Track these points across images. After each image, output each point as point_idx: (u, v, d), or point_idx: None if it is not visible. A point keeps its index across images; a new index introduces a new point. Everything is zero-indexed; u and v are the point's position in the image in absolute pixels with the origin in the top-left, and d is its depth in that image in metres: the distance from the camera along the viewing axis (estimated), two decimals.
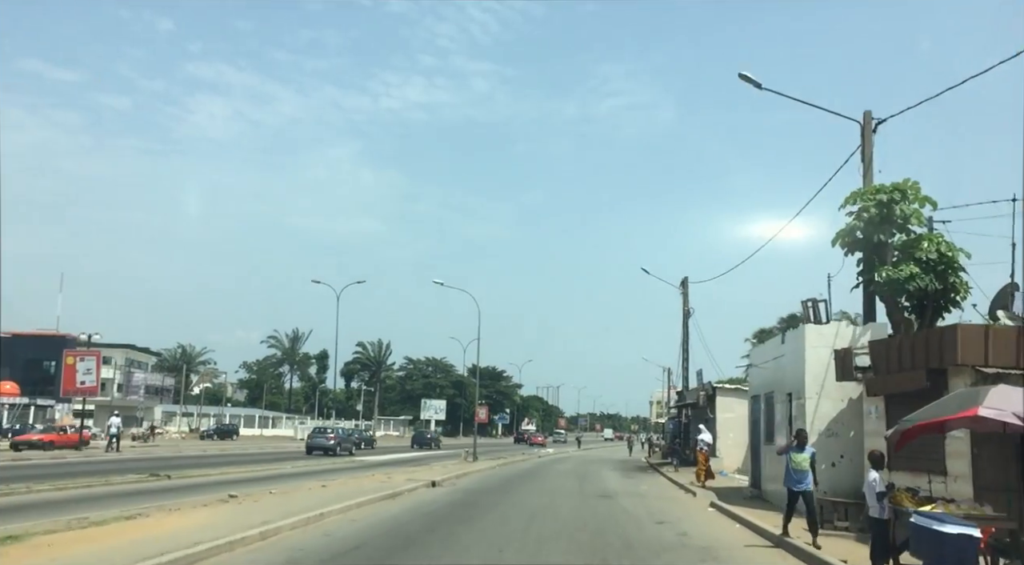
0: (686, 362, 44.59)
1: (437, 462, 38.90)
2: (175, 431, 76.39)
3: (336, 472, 29.18)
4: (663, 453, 46.14)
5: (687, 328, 44.56)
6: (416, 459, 42.56)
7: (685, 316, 44.58)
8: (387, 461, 40.44)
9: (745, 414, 30.96)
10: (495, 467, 35.67)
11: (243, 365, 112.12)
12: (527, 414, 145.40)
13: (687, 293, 44.72)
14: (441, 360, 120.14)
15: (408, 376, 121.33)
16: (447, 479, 25.96)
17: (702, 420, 35.75)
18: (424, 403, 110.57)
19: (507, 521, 15.15)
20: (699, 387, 34.45)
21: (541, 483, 26.01)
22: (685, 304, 44.68)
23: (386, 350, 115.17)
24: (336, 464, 34.80)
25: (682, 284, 44.84)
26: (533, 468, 36.81)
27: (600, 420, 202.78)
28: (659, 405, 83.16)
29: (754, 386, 21.93)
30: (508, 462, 40.78)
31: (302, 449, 52.72)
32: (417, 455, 48.03)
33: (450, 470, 30.28)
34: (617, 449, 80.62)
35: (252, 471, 28.41)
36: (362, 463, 37.49)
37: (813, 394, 16.46)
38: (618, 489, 23.63)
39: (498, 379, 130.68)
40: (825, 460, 16.22)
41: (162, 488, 20.64)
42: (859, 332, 16.64)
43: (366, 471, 30.00)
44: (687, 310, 44.60)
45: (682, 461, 34.78)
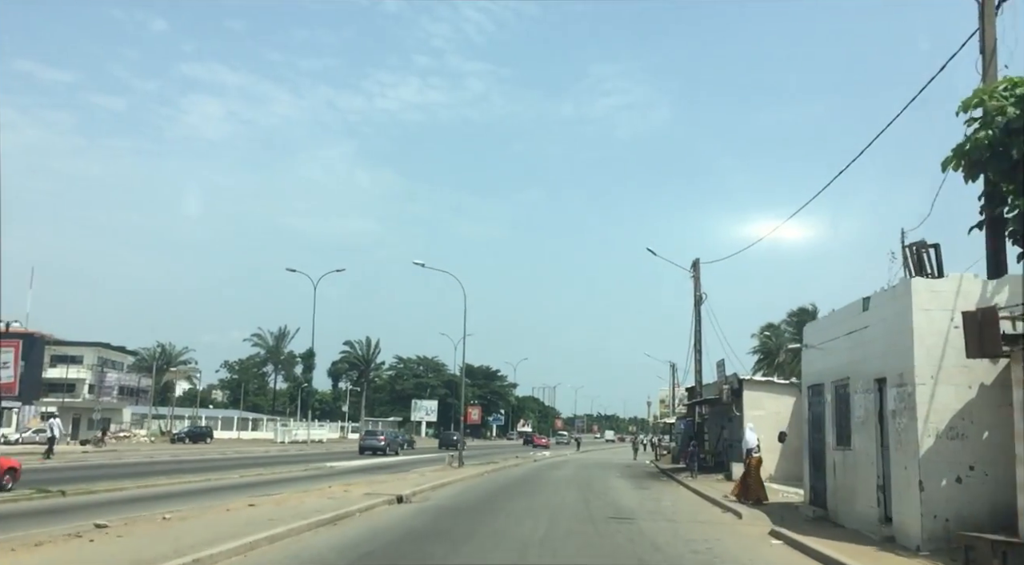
0: (699, 354, 39.43)
1: (421, 468, 33.84)
2: (144, 434, 70.99)
3: (289, 483, 23.98)
4: (673, 456, 41.01)
5: (699, 315, 39.46)
6: (398, 465, 37.39)
7: (697, 302, 39.44)
8: (364, 467, 35.29)
9: (779, 411, 25.87)
10: (482, 474, 30.53)
11: (224, 364, 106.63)
12: (522, 415, 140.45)
13: (698, 276, 39.57)
14: (433, 359, 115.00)
15: (398, 376, 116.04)
16: (419, 492, 20.80)
17: (725, 419, 30.61)
18: (415, 404, 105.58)
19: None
20: (721, 380, 29.32)
21: (536, 497, 20.83)
22: (696, 289, 39.53)
23: (375, 349, 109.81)
24: (294, 472, 29.61)
25: (693, 266, 39.70)
26: (527, 475, 31.65)
27: (597, 421, 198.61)
28: (663, 404, 77.92)
29: (810, 373, 16.77)
30: (498, 468, 35.64)
31: (275, 453, 48.01)
32: (406, 460, 42.78)
33: (427, 479, 25.13)
34: (618, 451, 75.45)
35: (186, 482, 23.26)
36: (331, 471, 32.32)
37: (927, 377, 11.31)
38: (635, 506, 18.43)
39: (492, 378, 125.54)
40: (946, 473, 11.13)
41: (30, 511, 15.46)
42: (993, 287, 11.51)
43: (328, 481, 24.83)
44: (699, 295, 39.47)
45: (701, 467, 29.69)
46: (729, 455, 28.82)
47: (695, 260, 39.69)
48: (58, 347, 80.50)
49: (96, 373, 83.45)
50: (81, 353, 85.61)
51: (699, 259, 39.58)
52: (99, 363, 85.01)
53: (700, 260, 39.57)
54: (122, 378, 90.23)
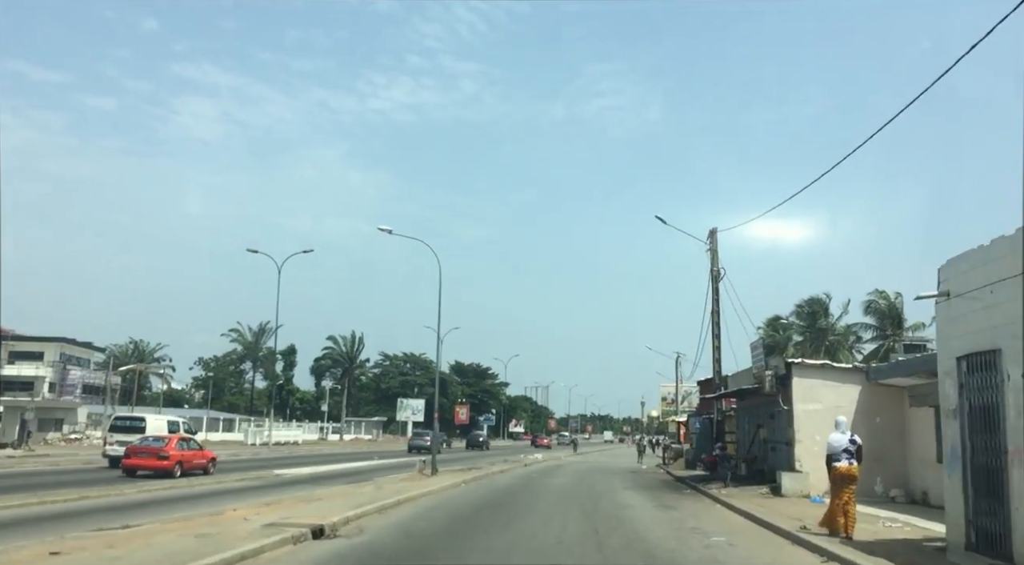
0: (717, 339, 33.01)
1: (387, 476, 27.41)
2: (98, 436, 64.09)
3: (188, 502, 17.49)
4: (687, 460, 34.55)
5: (717, 294, 33.05)
6: (361, 472, 30.94)
7: (714, 278, 33.04)
8: (316, 476, 28.75)
9: (839, 404, 19.42)
10: (458, 486, 24.08)
11: (199, 361, 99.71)
12: (514, 415, 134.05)
13: (715, 248, 33.17)
14: (420, 356, 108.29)
15: (384, 373, 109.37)
16: (357, 517, 14.34)
17: (764, 415, 24.14)
18: (401, 403, 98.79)
19: None
20: (759, 366, 22.80)
21: (521, 524, 14.33)
22: (714, 263, 33.08)
23: (359, 344, 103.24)
24: (224, 483, 23.08)
25: (710, 235, 33.26)
26: (513, 486, 25.17)
27: (591, 421, 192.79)
28: (665, 402, 71.35)
29: (961, 337, 10.31)
30: (481, 475, 29.16)
31: (228, 458, 41.55)
32: (375, 466, 36.30)
33: (381, 495, 18.66)
34: (619, 454, 68.97)
35: (61, 500, 16.79)
36: (275, 480, 25.87)
37: None
38: (673, 545, 11.84)
39: (483, 377, 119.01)
40: None
41: None
42: None
43: (246, 499, 18.37)
44: (716, 270, 33.07)
45: (734, 477, 23.27)
46: (773, 461, 22.39)
47: (712, 230, 33.29)
48: (17, 342, 73.82)
49: (58, 370, 76.85)
50: (42, 349, 78.82)
51: (716, 228, 33.22)
52: (61, 359, 78.38)
53: (717, 229, 33.23)
54: (87, 376, 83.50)
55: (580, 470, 36.38)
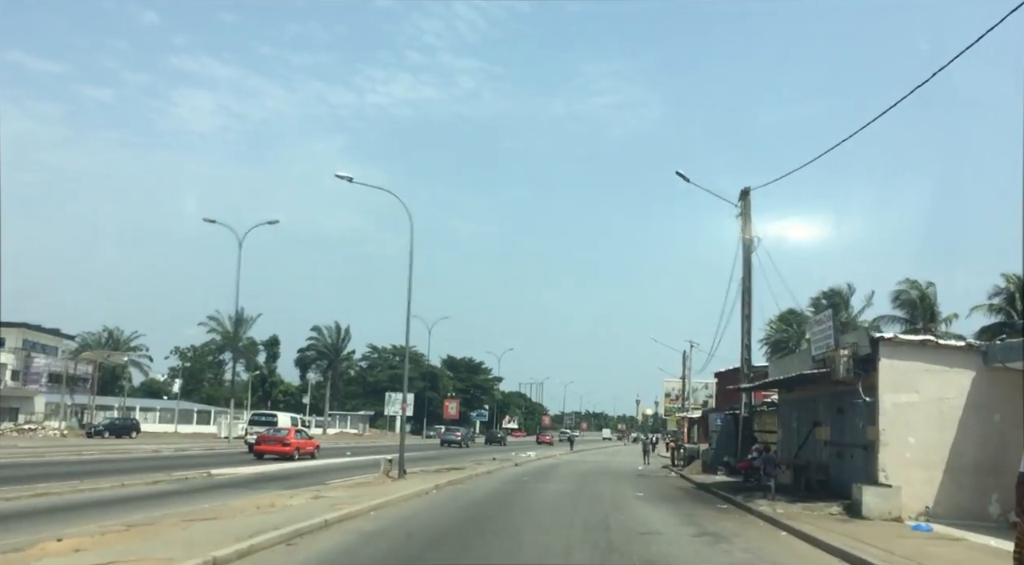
0: (747, 321, 27.56)
1: (343, 478, 22.14)
2: (55, 427, 58.67)
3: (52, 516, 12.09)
4: (705, 463, 29.09)
5: (749, 267, 27.70)
6: (312, 473, 25.56)
7: (746, 249, 27.66)
8: (254, 477, 23.39)
9: (945, 395, 14.02)
10: (426, 494, 18.70)
11: (175, 351, 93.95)
12: (508, 411, 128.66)
13: (748, 211, 27.79)
14: (410, 348, 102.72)
15: (372, 366, 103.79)
16: (245, 554, 8.93)
17: (831, 410, 18.64)
18: (388, 396, 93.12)
19: None
20: (831, 344, 17.08)
21: (503, 554, 8.93)
22: (745, 229, 27.70)
23: (344, 336, 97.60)
24: (135, 486, 17.59)
25: (742, 196, 27.89)
26: (497, 495, 19.76)
27: (586, 419, 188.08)
28: (670, 399, 65.81)
29: None
30: (459, 478, 23.73)
31: (195, 451, 36.59)
32: (332, 464, 30.93)
33: (312, 510, 13.26)
34: (619, 452, 63.55)
35: None
36: (206, 482, 20.51)
37: None
38: None
39: (476, 371, 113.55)
40: None
41: None
42: None
43: (141, 510, 13.02)
44: (749, 239, 27.69)
45: (778, 487, 17.83)
46: (840, 470, 16.94)
47: (744, 190, 27.90)
48: None
49: (20, 357, 71.44)
50: (3, 335, 73.19)
51: (749, 188, 27.82)
52: (24, 346, 72.93)
53: (751, 189, 27.84)
54: (54, 364, 78.00)
55: (579, 471, 30.97)
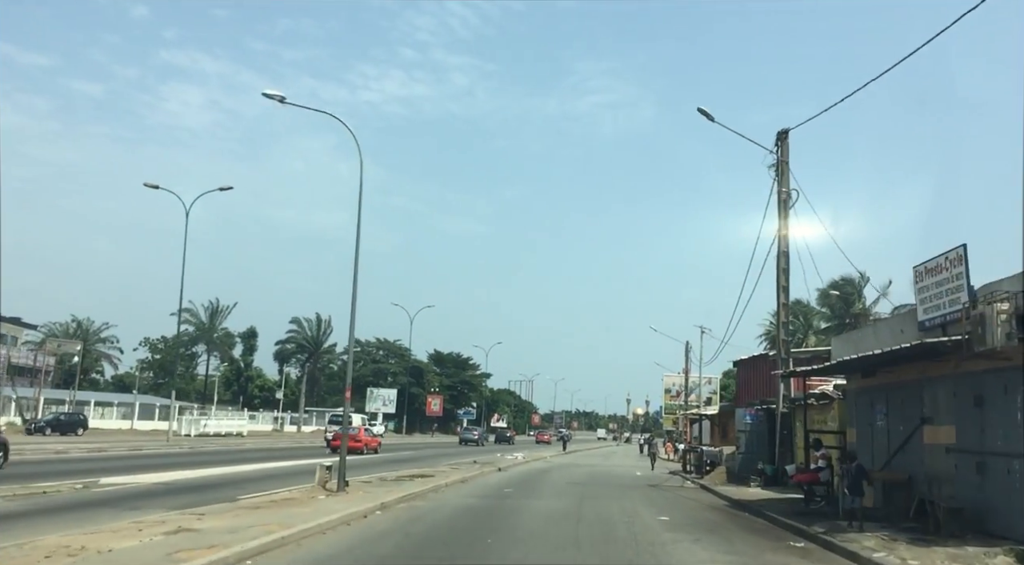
0: (785, 293, 21.93)
1: (280, 486, 16.52)
2: (5, 422, 52.38)
3: None
4: (731, 472, 23.34)
5: (786, 225, 22.07)
6: (234, 482, 19.79)
7: (782, 202, 21.99)
8: (158, 488, 17.63)
9: None
10: (367, 517, 12.98)
11: (144, 342, 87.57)
12: (496, 409, 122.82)
13: (786, 158, 22.11)
14: (394, 342, 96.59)
15: (353, 360, 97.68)
16: None
17: (952, 400, 12.77)
18: (370, 392, 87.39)
19: None
20: (971, 300, 11.13)
21: None
22: (782, 180, 22.04)
23: (326, 328, 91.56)
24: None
25: (778, 140, 22.21)
26: (463, 521, 13.95)
27: (576, 418, 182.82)
28: (670, 395, 60.07)
29: None
30: (421, 491, 17.93)
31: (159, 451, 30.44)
32: (261, 471, 25.27)
33: (149, 558, 7.50)
34: (615, 453, 57.79)
35: None
36: (88, 496, 14.75)
37: None
38: None
39: (463, 367, 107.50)
40: None
41: None
42: None
43: None
44: (785, 192, 22.01)
45: (845, 510, 12.09)
46: (997, 495, 11.11)
47: (781, 132, 22.18)
48: None
49: None
50: None
51: (787, 130, 22.09)
52: None
53: (789, 130, 22.12)
54: (15, 355, 72.13)
55: (575, 479, 25.19)
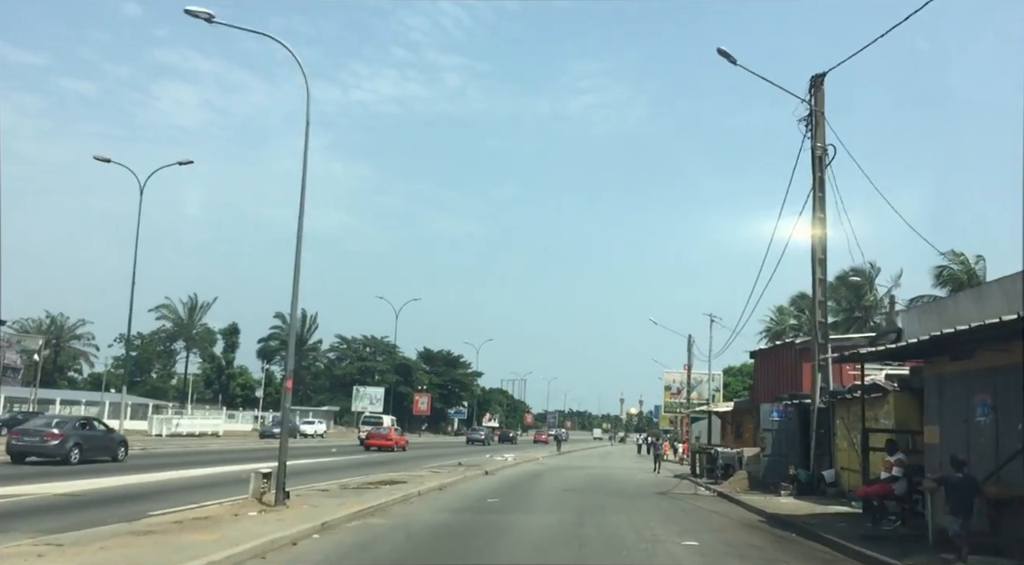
0: (822, 267, 18.50)
1: (216, 497, 12.91)
2: None
3: None
4: (753, 479, 19.81)
5: (821, 187, 18.66)
6: (166, 490, 16.18)
7: (816, 159, 18.52)
8: (61, 500, 14.00)
9: None
10: (297, 544, 9.35)
11: (119, 338, 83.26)
12: (488, 408, 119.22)
13: (821, 107, 18.63)
14: (382, 339, 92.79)
15: (340, 358, 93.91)
16: None
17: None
18: (356, 391, 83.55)
19: None
20: None
21: None
22: (817, 134, 18.57)
23: (311, 324, 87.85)
24: None
25: (812, 86, 18.72)
26: (427, 552, 10.35)
27: (570, 417, 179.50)
28: (670, 392, 56.52)
29: None
30: (383, 504, 14.31)
31: None
32: (184, 479, 21.55)
33: None
34: (611, 454, 54.27)
35: None
36: None
37: None
38: None
39: (454, 365, 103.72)
40: None
41: None
42: None
43: None
44: (820, 148, 18.55)
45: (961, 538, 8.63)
46: None
47: (817, 76, 18.69)
48: None
49: None
50: None
51: (823, 74, 18.60)
52: None
53: (825, 75, 18.64)
54: None
55: (572, 485, 21.62)
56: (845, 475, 17.10)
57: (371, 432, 42.21)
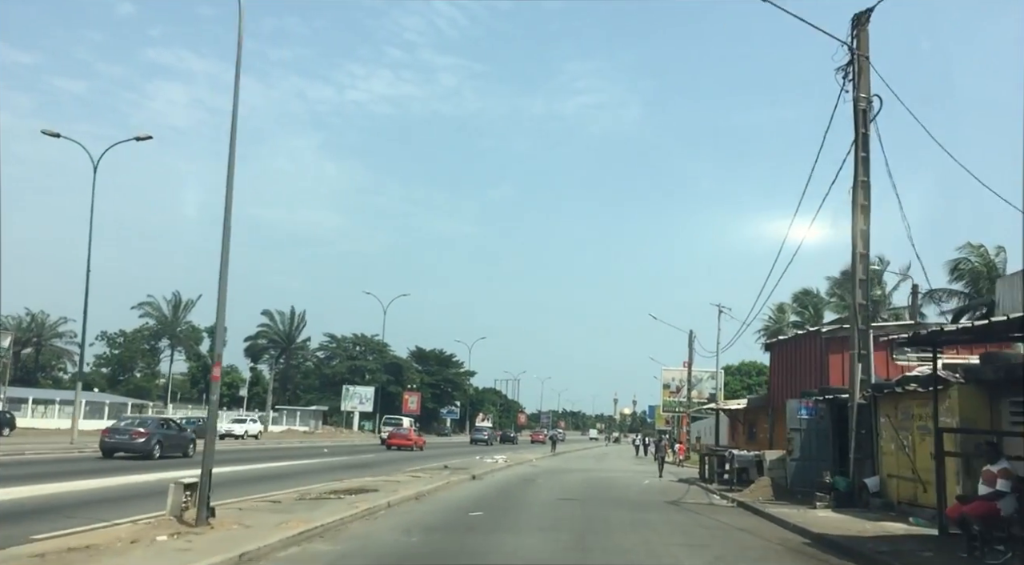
0: (863, 239, 15.72)
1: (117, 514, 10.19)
2: None
3: None
4: (778, 486, 17.00)
5: (865, 143, 15.88)
6: (72, 505, 13.27)
7: (860, 112, 15.71)
8: None
9: None
10: None
11: (101, 336, 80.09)
12: (481, 408, 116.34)
13: (865, 51, 15.81)
14: (372, 337, 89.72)
15: (329, 357, 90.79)
16: None
17: None
18: (346, 390, 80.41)
19: None
20: None
21: None
22: (861, 84, 15.77)
23: (299, 322, 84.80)
24: None
25: (854, 26, 15.89)
26: None
27: (563, 418, 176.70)
28: (669, 391, 53.73)
29: None
30: (337, 521, 11.41)
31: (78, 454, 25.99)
32: (91, 491, 18.74)
33: None
34: (605, 455, 51.39)
35: None
36: None
37: None
38: None
39: (447, 364, 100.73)
40: None
41: None
42: None
43: None
44: (864, 98, 15.76)
45: None
46: None
47: (861, 15, 15.91)
48: None
49: None
50: None
51: (868, 12, 15.81)
52: None
53: (870, 13, 15.84)
54: None
55: (570, 493, 18.76)
56: (893, 483, 14.29)
57: (393, 432, 44.98)
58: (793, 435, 17.21)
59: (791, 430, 17.27)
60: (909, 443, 13.75)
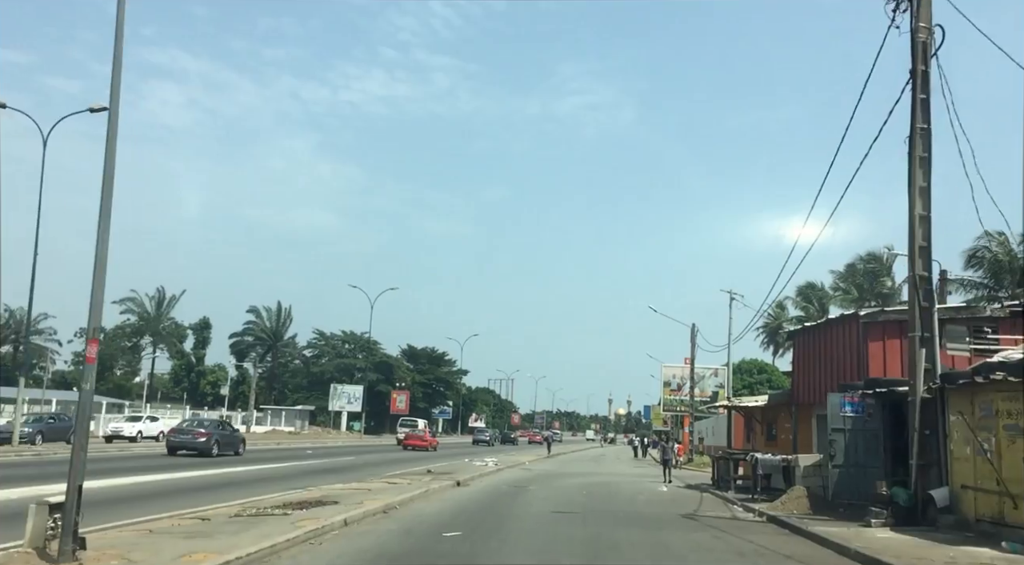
0: (923, 198, 12.84)
1: None
2: None
3: None
4: (815, 498, 14.21)
5: (925, 82, 12.97)
6: None
7: (919, 46, 12.83)
8: None
9: None
10: None
11: (79, 333, 76.71)
12: (475, 408, 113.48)
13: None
14: (362, 335, 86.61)
15: (317, 355, 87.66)
16: None
17: None
18: (334, 389, 77.34)
19: None
20: None
21: None
22: (920, 10, 12.93)
23: (286, 318, 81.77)
24: None
25: None
26: None
27: (558, 418, 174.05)
28: (669, 389, 50.82)
29: None
30: (270, 548, 8.58)
31: None
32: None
33: None
34: (602, 456, 48.55)
35: None
36: None
37: None
38: None
39: (439, 363, 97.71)
40: None
41: None
42: None
43: None
44: (926, 29, 12.88)
45: None
46: None
47: None
48: None
49: None
50: None
51: None
52: None
53: None
54: None
55: (569, 505, 15.89)
56: (968, 496, 11.47)
57: (408, 434, 46.60)
58: (835, 436, 14.36)
59: (833, 430, 14.42)
60: (991, 446, 10.95)
